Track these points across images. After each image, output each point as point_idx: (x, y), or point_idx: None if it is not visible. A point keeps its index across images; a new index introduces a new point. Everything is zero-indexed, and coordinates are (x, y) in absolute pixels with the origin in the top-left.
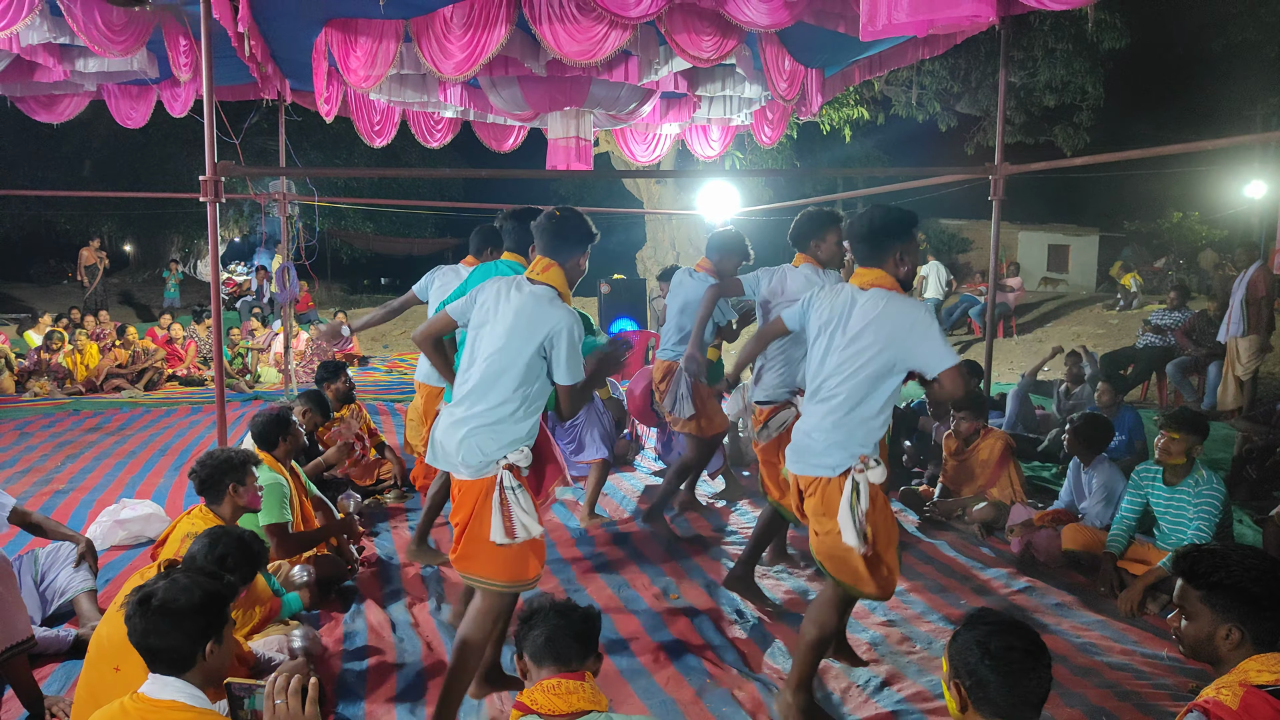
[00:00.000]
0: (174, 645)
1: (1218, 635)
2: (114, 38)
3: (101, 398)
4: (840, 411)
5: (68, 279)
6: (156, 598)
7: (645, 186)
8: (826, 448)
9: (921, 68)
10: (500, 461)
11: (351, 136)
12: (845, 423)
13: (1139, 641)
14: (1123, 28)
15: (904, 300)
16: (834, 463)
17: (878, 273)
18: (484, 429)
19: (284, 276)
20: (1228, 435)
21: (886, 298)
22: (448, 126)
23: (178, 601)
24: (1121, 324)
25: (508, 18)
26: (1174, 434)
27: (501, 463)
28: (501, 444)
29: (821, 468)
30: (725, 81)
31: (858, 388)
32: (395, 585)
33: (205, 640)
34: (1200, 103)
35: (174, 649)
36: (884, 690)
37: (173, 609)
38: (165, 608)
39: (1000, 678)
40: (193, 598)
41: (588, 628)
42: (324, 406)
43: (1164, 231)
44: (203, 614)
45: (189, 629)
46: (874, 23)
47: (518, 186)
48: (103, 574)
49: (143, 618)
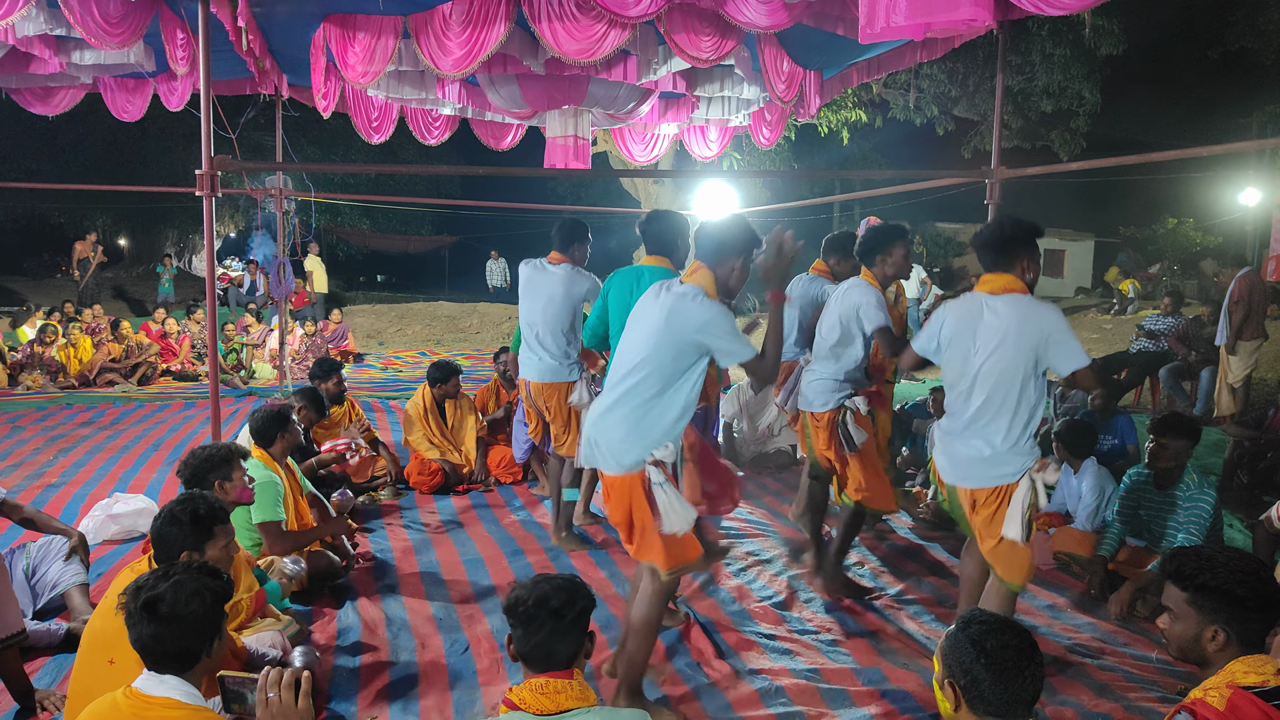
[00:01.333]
0: (183, 649)
1: (1204, 637)
2: (111, 30)
3: (94, 392)
4: (1005, 418)
5: (61, 273)
6: (165, 603)
7: (643, 186)
8: (1007, 456)
9: (920, 71)
10: (647, 459)
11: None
12: (1014, 428)
13: (1129, 644)
14: (1120, 34)
15: (1041, 304)
16: (1015, 469)
17: (1008, 278)
18: (630, 427)
19: (280, 272)
20: (1219, 440)
21: (1025, 302)
22: (446, 124)
23: (188, 606)
24: (1116, 329)
25: (507, 15)
26: (1162, 439)
27: (648, 460)
28: (648, 441)
29: (1004, 477)
30: (724, 82)
31: (1012, 392)
32: (390, 582)
33: (211, 641)
34: (1196, 110)
35: (183, 652)
36: (883, 684)
37: (183, 614)
38: (175, 614)
39: (994, 676)
40: (203, 602)
41: (580, 625)
42: (320, 404)
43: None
44: (210, 617)
45: (199, 632)
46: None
47: (515, 184)
48: (94, 568)
49: (151, 623)
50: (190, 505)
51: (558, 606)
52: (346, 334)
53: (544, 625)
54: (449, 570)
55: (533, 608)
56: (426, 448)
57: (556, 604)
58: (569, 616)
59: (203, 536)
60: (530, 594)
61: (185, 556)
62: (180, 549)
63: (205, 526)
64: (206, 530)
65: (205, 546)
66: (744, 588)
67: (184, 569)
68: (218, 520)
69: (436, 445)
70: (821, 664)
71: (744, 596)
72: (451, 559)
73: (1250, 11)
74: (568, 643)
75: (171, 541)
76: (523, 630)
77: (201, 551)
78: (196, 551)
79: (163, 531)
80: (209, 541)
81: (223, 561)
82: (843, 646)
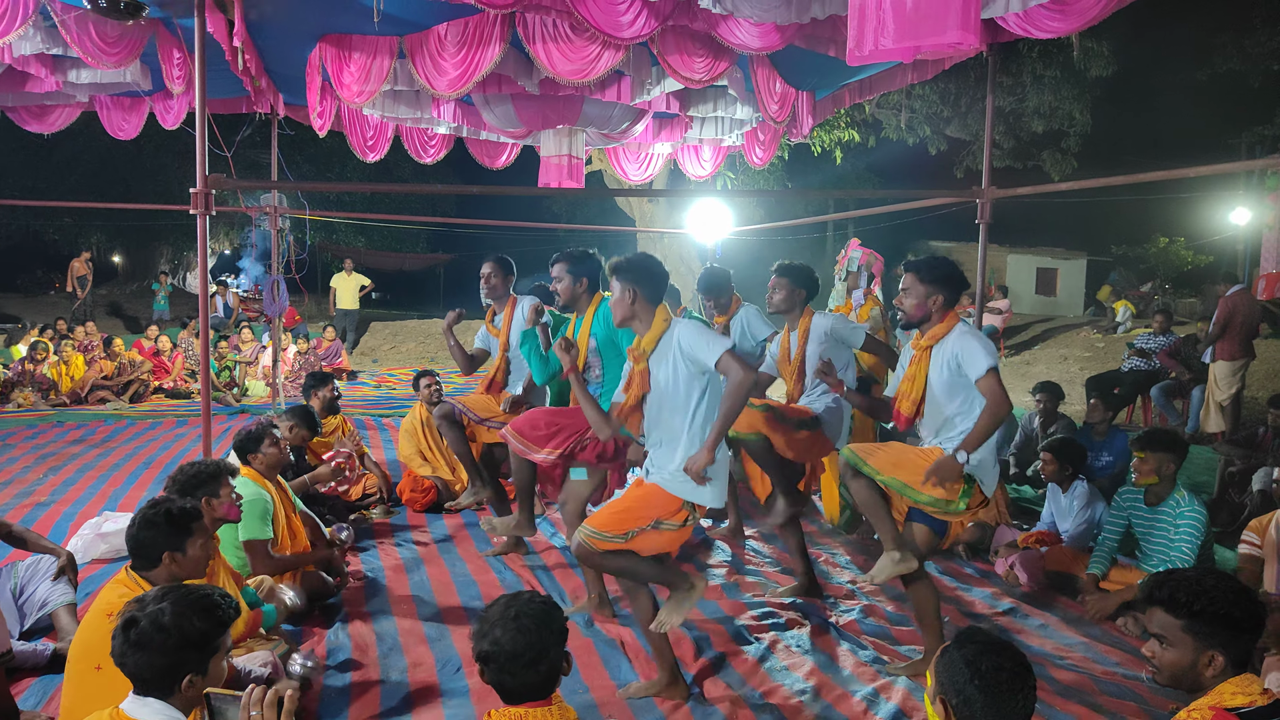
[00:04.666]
0: (147, 677)
1: (1200, 663)
2: (108, 50)
3: (86, 409)
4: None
5: (55, 289)
6: (138, 628)
7: (637, 205)
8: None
9: (912, 92)
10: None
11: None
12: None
13: (1120, 663)
14: (1110, 55)
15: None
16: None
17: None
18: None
19: (274, 290)
20: (1211, 459)
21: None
22: (441, 143)
23: (154, 639)
24: (1108, 347)
25: (501, 36)
26: (1141, 453)
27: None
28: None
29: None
30: (717, 102)
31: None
32: (381, 601)
33: (181, 675)
34: (1186, 131)
35: (146, 680)
36: (878, 700)
37: (148, 644)
38: (142, 640)
39: (987, 697)
40: (169, 639)
41: (556, 658)
42: (311, 422)
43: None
44: (179, 651)
45: (162, 664)
46: (860, 48)
47: (510, 203)
48: (83, 587)
49: (123, 641)
50: (162, 506)
51: (533, 658)
52: (340, 351)
53: (519, 673)
54: (440, 589)
55: (506, 662)
56: (419, 464)
57: (531, 656)
58: (546, 660)
59: (181, 535)
60: (501, 645)
61: (167, 558)
62: (161, 551)
63: (182, 525)
64: (184, 529)
65: (186, 545)
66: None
67: (179, 594)
68: (193, 518)
69: (429, 461)
70: (820, 680)
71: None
72: (443, 577)
73: (1237, 35)
74: (546, 677)
75: (150, 545)
76: (497, 675)
77: (183, 551)
78: (179, 552)
79: (139, 537)
80: (188, 540)
81: (202, 561)
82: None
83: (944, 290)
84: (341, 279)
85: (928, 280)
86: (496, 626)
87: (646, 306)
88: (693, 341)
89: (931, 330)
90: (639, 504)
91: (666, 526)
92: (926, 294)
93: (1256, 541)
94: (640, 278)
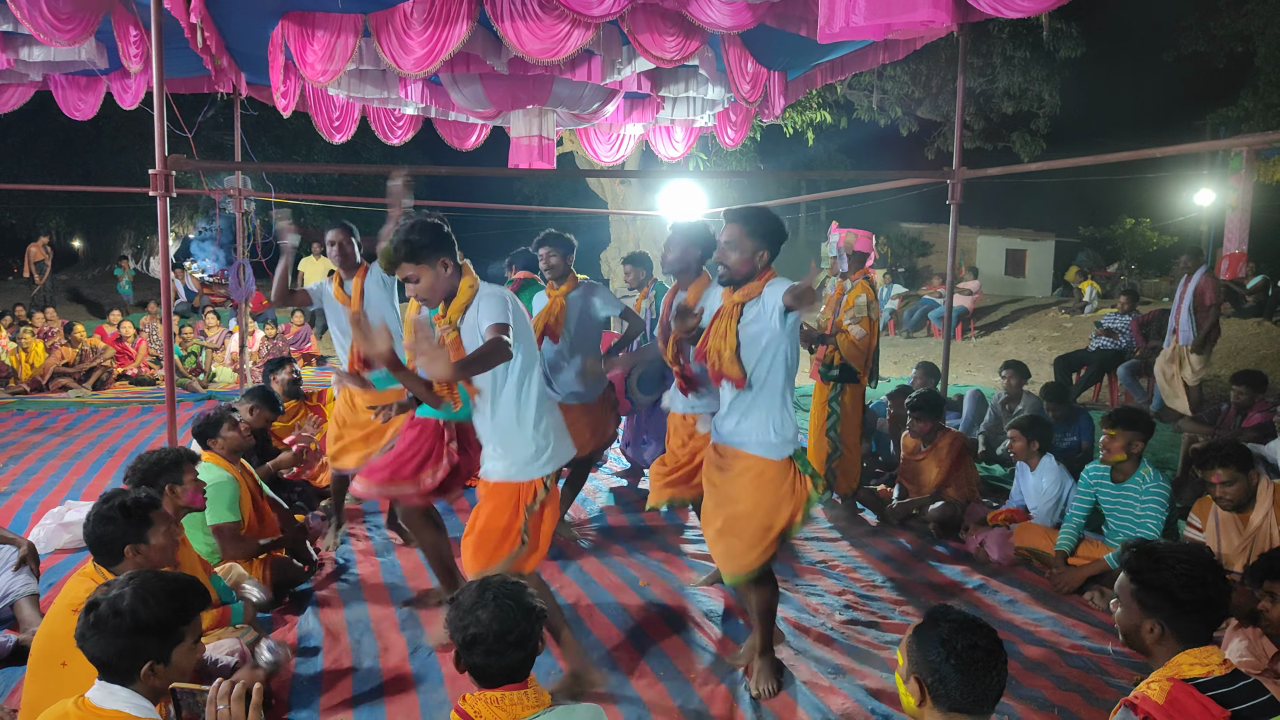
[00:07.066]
0: (105, 661)
1: (1143, 628)
2: (60, 26)
3: (47, 397)
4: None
5: (13, 275)
6: (98, 610)
7: (610, 187)
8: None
9: (883, 72)
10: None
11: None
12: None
13: (1088, 637)
14: (1079, 37)
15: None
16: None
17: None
18: None
19: (239, 274)
20: (1175, 437)
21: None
22: (409, 123)
23: (109, 623)
24: (1076, 327)
25: (469, 14)
26: (1110, 430)
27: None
28: None
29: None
30: (688, 82)
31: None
32: (352, 586)
33: (140, 661)
34: (1152, 112)
35: (105, 665)
36: (846, 678)
37: (104, 627)
38: (99, 623)
39: (961, 675)
40: (123, 623)
41: (528, 649)
42: (273, 403)
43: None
44: (135, 636)
45: (120, 648)
46: (831, 25)
47: (480, 185)
48: (45, 578)
49: (83, 623)
50: (116, 500)
51: (519, 637)
52: (309, 336)
53: (506, 653)
54: (412, 573)
55: (494, 642)
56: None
57: (518, 634)
58: (531, 638)
59: (141, 526)
60: (487, 626)
61: (130, 551)
62: (122, 545)
63: (140, 516)
64: (143, 519)
65: (148, 535)
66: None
67: (144, 579)
68: (150, 507)
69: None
70: (790, 656)
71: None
72: (414, 562)
73: (1203, 16)
74: (527, 655)
75: (110, 540)
76: (483, 659)
77: (145, 541)
78: (141, 543)
79: (97, 533)
80: (149, 529)
81: (169, 550)
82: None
83: (770, 245)
84: (310, 263)
85: (756, 235)
86: (477, 609)
87: (458, 272)
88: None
89: (747, 287)
90: (495, 516)
91: (533, 509)
92: (754, 249)
93: (1199, 525)
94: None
